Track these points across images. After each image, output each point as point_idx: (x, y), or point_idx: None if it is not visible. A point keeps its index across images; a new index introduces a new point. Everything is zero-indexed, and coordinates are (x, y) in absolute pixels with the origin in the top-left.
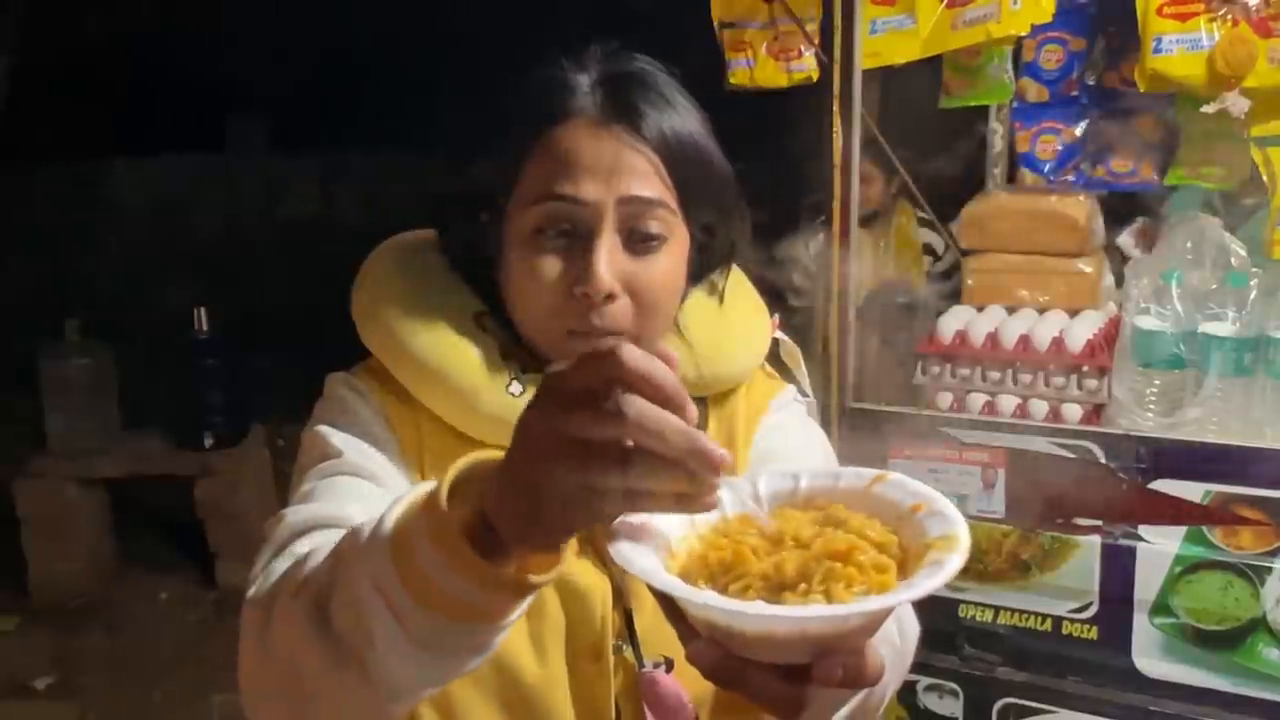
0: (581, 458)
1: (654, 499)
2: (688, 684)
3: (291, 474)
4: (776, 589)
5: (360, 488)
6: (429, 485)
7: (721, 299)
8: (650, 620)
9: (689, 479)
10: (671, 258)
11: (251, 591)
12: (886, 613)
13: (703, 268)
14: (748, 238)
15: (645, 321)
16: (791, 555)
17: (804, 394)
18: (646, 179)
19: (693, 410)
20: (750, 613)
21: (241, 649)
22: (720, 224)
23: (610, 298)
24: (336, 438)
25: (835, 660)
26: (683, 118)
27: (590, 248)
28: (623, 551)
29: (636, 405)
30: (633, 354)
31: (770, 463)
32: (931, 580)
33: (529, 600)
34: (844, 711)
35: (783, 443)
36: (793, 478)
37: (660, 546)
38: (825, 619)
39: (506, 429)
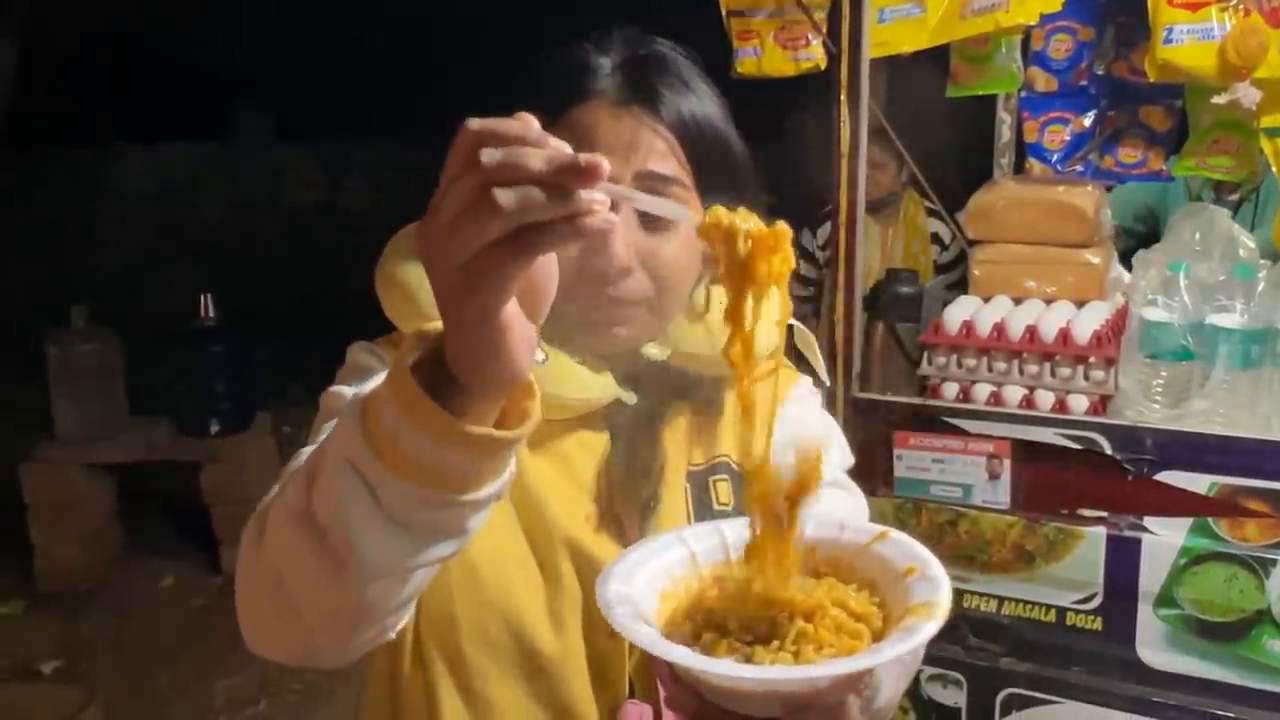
0: (461, 225)
1: (550, 230)
2: None
3: None
4: (752, 644)
5: None
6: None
7: None
8: None
9: (570, 198)
10: (686, 236)
11: (257, 509)
12: (858, 676)
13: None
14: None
15: (660, 297)
16: (766, 615)
17: (820, 381)
18: (663, 158)
19: (562, 147)
20: (715, 671)
21: (240, 560)
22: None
23: (625, 271)
24: (350, 393)
25: (808, 717)
26: (701, 101)
27: None
28: (608, 589)
29: (488, 151)
30: (477, 120)
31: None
32: (897, 646)
33: (504, 477)
34: None
35: (799, 434)
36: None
37: (654, 589)
38: (785, 681)
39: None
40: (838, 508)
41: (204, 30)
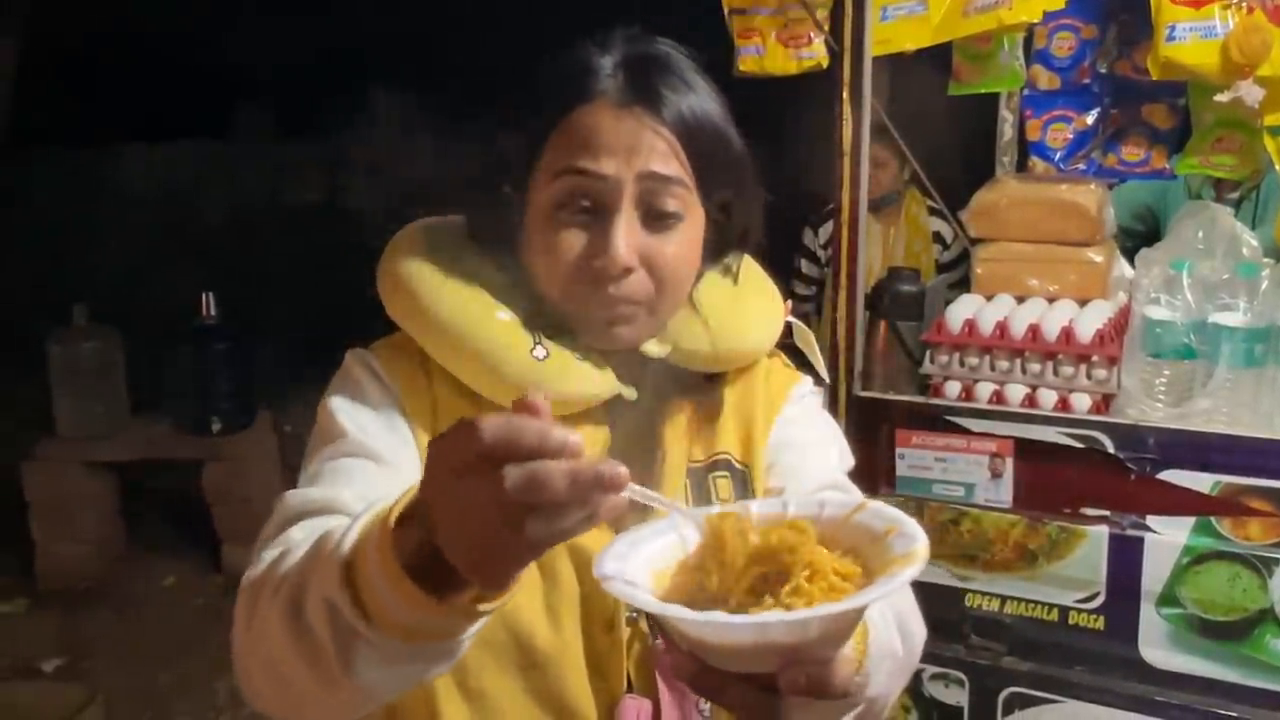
0: (486, 536)
1: (573, 528)
2: None
3: (299, 462)
4: (743, 605)
5: (364, 469)
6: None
7: (736, 279)
8: None
9: (596, 503)
10: (688, 235)
11: (246, 575)
12: (845, 625)
13: (719, 247)
14: (762, 221)
15: (661, 296)
16: (757, 575)
17: (820, 380)
18: (665, 158)
19: (574, 440)
20: (709, 621)
21: (234, 629)
22: (736, 205)
23: (627, 271)
24: (344, 416)
25: (799, 669)
26: (702, 100)
27: (609, 222)
28: (604, 566)
29: (511, 476)
30: (490, 425)
31: (786, 453)
32: (880, 589)
33: (483, 621)
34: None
35: (800, 435)
36: (782, 504)
37: (648, 569)
38: (776, 624)
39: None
40: None
41: (205, 29)
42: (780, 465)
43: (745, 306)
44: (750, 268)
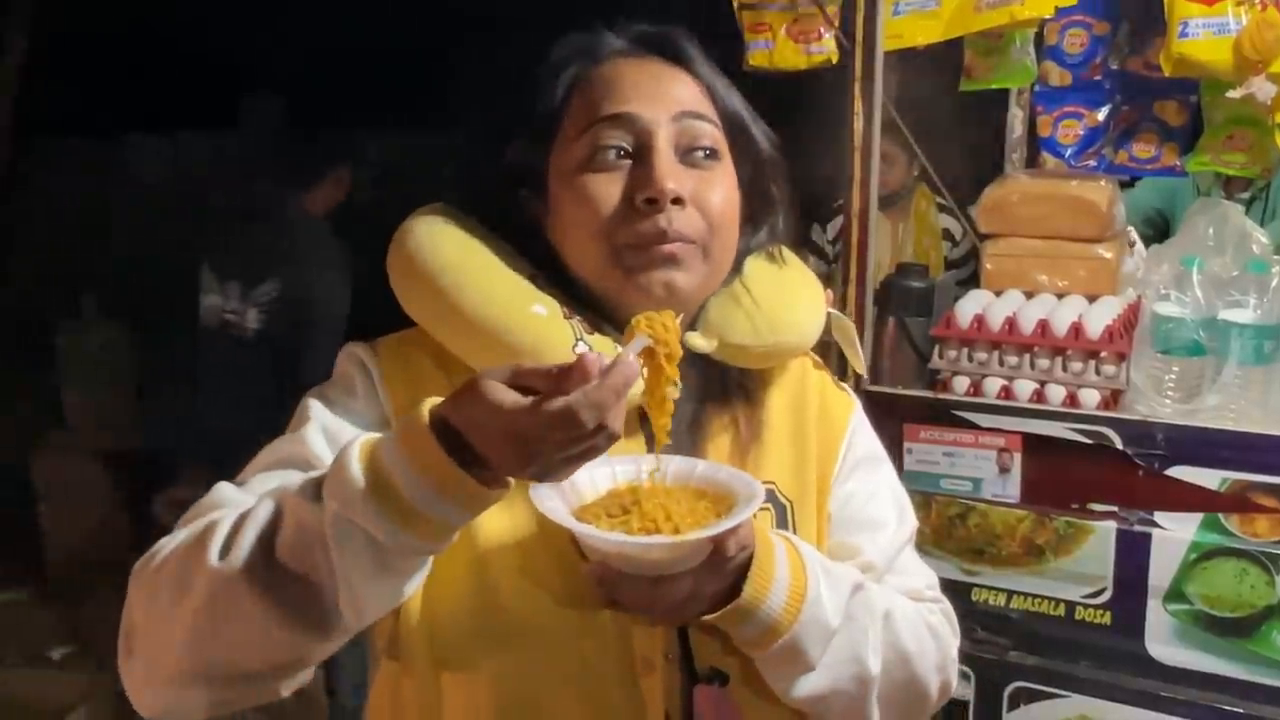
0: (556, 450)
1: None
2: (742, 699)
3: None
4: (649, 531)
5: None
6: (372, 436)
7: (781, 262)
8: (700, 635)
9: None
10: (729, 179)
11: (149, 557)
12: (698, 547)
13: (755, 223)
14: (791, 203)
15: (714, 238)
16: (654, 511)
17: (858, 374)
18: (695, 98)
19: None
20: (611, 538)
21: (131, 613)
22: (767, 178)
23: (678, 201)
24: (313, 424)
25: (678, 580)
26: (704, 48)
27: (648, 158)
28: (540, 494)
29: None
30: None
31: (850, 507)
32: (713, 529)
33: (490, 503)
34: None
35: (862, 486)
36: (693, 463)
37: (576, 494)
38: (650, 545)
39: None
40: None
41: (216, 21)
42: (847, 519)
43: (793, 296)
44: (790, 255)
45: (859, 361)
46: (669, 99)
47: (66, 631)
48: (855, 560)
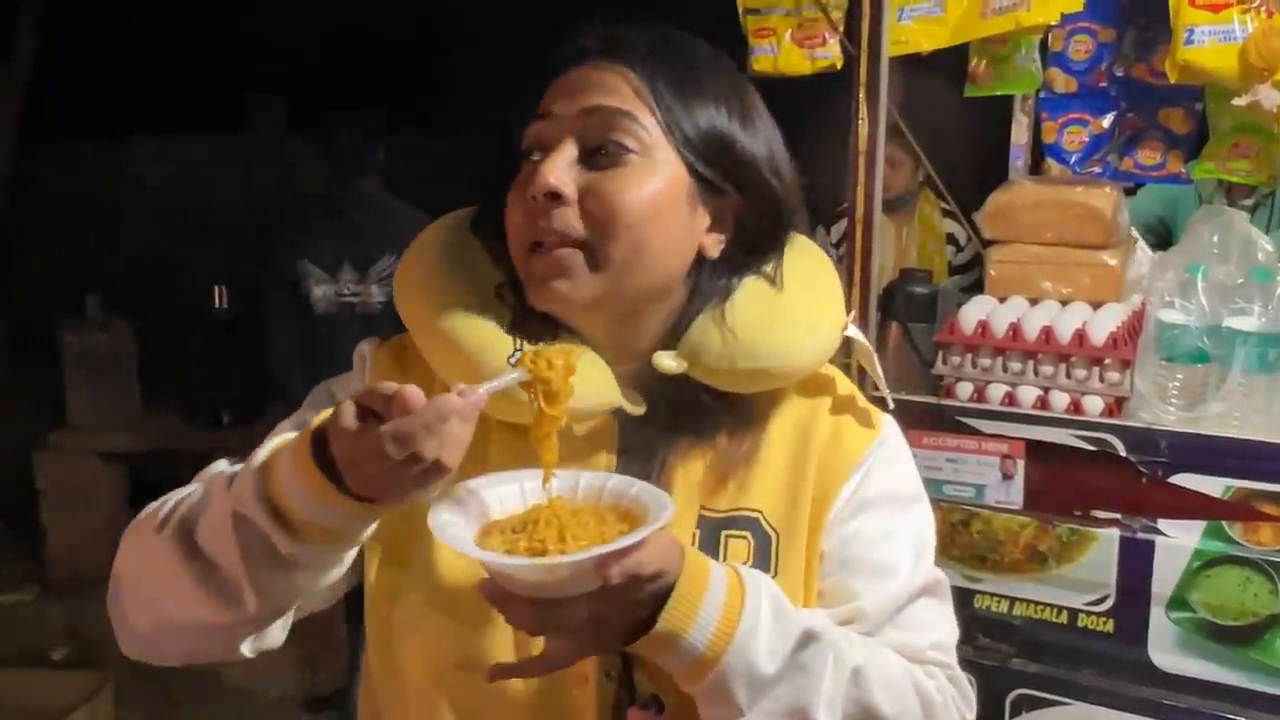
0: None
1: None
2: None
3: None
4: (536, 552)
5: None
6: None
7: (778, 285)
8: (640, 659)
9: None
10: (642, 177)
11: (142, 514)
12: (579, 570)
13: (743, 248)
14: (795, 218)
15: (603, 241)
16: (545, 532)
17: (882, 398)
18: (616, 93)
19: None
20: (484, 557)
21: (122, 560)
22: (757, 205)
23: (555, 198)
24: (308, 410)
25: (569, 604)
26: (684, 47)
27: (543, 156)
28: (437, 508)
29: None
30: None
31: (853, 547)
32: (597, 551)
33: (374, 524)
34: None
35: (873, 526)
36: (604, 478)
37: (482, 512)
38: (529, 567)
39: (504, 399)
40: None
41: (220, 23)
42: (848, 560)
43: (783, 320)
44: (816, 271)
45: (884, 386)
46: (584, 96)
47: (67, 631)
48: (846, 607)
